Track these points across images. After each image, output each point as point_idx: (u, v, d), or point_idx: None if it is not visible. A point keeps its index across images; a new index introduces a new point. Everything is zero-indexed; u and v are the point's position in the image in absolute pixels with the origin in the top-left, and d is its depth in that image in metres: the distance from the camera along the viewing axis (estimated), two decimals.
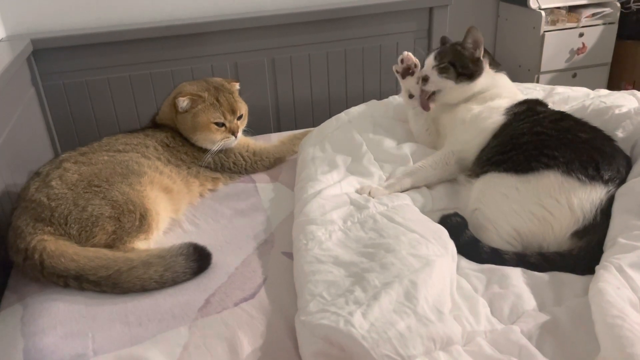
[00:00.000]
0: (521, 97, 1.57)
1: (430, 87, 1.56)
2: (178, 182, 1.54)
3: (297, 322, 1.03)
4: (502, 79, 1.59)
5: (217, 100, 1.63)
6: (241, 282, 1.21)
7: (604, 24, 2.69)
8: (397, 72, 1.67)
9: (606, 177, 1.21)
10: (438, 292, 1.02)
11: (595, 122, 1.39)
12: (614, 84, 2.85)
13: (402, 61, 1.65)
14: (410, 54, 1.64)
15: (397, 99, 1.87)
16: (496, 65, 1.58)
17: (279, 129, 2.38)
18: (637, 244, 1.06)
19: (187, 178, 1.58)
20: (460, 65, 1.53)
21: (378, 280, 1.03)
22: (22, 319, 1.14)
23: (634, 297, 0.95)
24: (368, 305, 0.97)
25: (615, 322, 0.88)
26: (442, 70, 1.54)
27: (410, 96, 1.66)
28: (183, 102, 1.60)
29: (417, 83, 1.61)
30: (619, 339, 0.85)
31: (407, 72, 1.64)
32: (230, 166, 1.70)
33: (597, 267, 1.06)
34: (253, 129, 1.83)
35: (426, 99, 1.59)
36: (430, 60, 1.57)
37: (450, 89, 1.55)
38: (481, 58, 1.53)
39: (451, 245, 1.16)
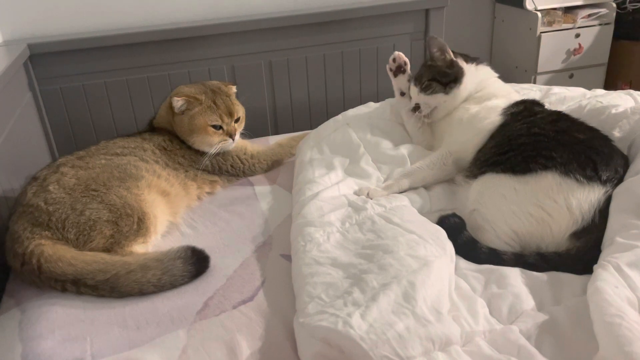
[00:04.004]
0: (516, 95, 1.58)
1: (425, 110, 1.60)
2: (176, 185, 1.53)
3: (296, 324, 1.03)
4: (484, 70, 1.61)
5: (215, 103, 1.63)
6: (239, 285, 1.21)
7: (600, 24, 2.69)
8: (391, 70, 1.72)
9: (604, 177, 1.21)
10: (436, 293, 1.02)
11: (592, 122, 1.39)
12: (610, 84, 2.85)
13: (394, 60, 1.70)
14: (401, 53, 1.70)
15: (394, 101, 1.87)
16: (474, 60, 1.61)
17: (276, 132, 2.38)
18: (634, 243, 1.06)
19: (185, 181, 1.58)
20: (440, 76, 1.56)
21: (376, 282, 1.03)
22: (20, 323, 1.13)
23: (632, 295, 0.95)
24: (366, 307, 0.97)
25: (614, 321, 0.88)
26: (426, 89, 1.57)
27: (402, 94, 1.70)
28: (178, 102, 1.60)
29: (408, 81, 1.67)
30: (617, 337, 0.85)
31: (399, 70, 1.69)
32: (228, 169, 1.70)
33: (595, 267, 1.06)
34: (250, 132, 1.83)
35: (429, 119, 1.64)
36: (413, 88, 1.62)
37: (444, 101, 1.57)
38: (454, 59, 1.56)
39: (449, 246, 1.17)
